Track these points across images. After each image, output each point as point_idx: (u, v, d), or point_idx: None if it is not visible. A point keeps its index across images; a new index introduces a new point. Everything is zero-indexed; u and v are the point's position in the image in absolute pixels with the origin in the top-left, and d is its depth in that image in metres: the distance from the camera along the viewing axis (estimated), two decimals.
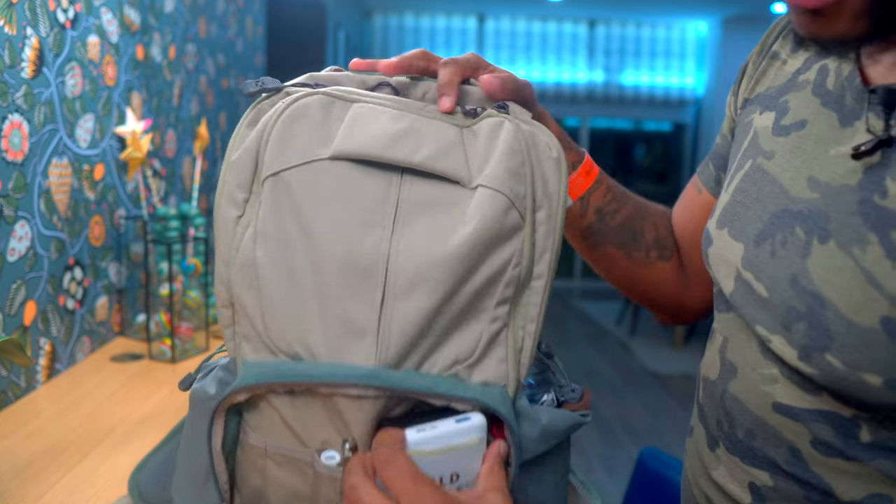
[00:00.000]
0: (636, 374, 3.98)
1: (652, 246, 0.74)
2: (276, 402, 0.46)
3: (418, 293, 0.44)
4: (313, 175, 0.47)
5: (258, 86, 0.51)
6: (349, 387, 0.43)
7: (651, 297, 0.77)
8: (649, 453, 1.00)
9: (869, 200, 0.46)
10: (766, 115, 0.59)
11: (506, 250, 0.47)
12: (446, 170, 0.47)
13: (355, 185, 0.47)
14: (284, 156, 0.47)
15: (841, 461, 0.49)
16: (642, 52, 6.32)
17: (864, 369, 0.45)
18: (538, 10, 6.02)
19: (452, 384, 0.45)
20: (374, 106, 0.50)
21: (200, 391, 0.49)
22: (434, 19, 6.18)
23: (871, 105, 0.48)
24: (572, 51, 6.29)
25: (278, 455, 0.47)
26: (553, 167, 0.49)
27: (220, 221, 0.48)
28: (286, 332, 0.46)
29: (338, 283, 0.45)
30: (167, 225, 1.22)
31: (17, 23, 0.90)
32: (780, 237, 0.52)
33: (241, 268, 0.47)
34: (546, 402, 0.53)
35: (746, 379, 0.55)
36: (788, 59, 0.60)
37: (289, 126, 0.48)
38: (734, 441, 0.56)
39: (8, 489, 0.70)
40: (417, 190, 0.47)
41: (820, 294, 0.48)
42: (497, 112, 0.51)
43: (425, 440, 0.44)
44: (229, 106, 1.94)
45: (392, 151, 0.47)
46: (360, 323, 0.44)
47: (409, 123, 0.49)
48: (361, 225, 0.46)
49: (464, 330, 0.46)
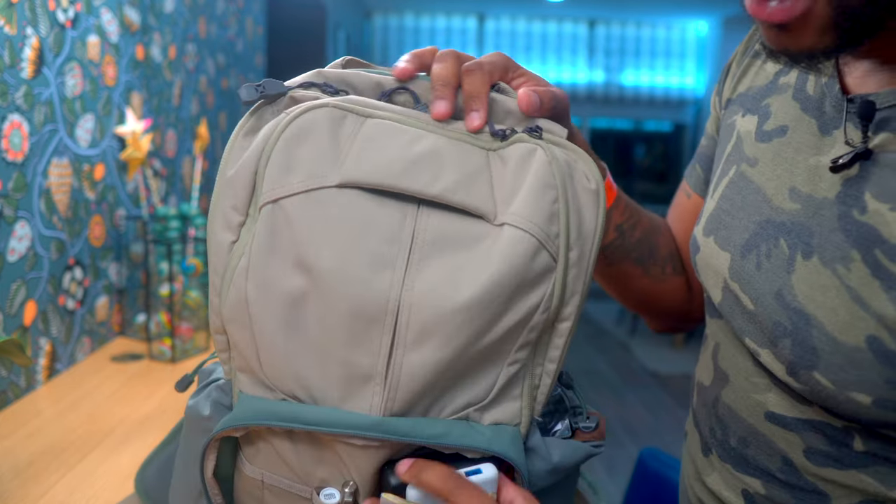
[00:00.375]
0: (636, 374, 3.98)
1: (667, 260, 0.72)
2: (274, 440, 0.43)
3: (431, 344, 0.40)
4: (317, 204, 0.41)
5: (259, 91, 0.44)
6: (353, 437, 0.41)
7: (663, 311, 0.75)
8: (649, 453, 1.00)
9: (849, 216, 0.46)
10: (749, 119, 0.59)
11: (534, 296, 0.42)
12: (469, 203, 0.42)
13: (365, 218, 0.41)
14: (285, 180, 0.41)
15: (835, 470, 0.48)
16: (642, 52, 6.32)
17: (852, 389, 0.44)
18: (538, 10, 6.02)
19: (463, 431, 0.42)
20: (392, 123, 0.44)
21: (195, 410, 0.46)
22: (434, 19, 6.18)
23: (849, 115, 0.47)
24: (572, 51, 6.28)
25: (276, 488, 0.45)
26: (591, 200, 0.44)
27: (213, 245, 0.44)
28: (283, 373, 0.42)
29: (342, 328, 0.40)
30: (167, 225, 1.22)
31: (17, 23, 0.90)
32: (764, 249, 0.52)
33: (234, 304, 0.42)
34: (559, 431, 0.50)
35: (739, 387, 0.55)
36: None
37: (292, 145, 0.42)
38: (727, 449, 0.56)
39: (8, 489, 0.70)
40: (435, 224, 0.42)
41: (804, 311, 0.47)
42: (529, 136, 0.45)
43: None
44: (229, 106, 1.94)
45: (408, 181, 0.41)
46: (366, 369, 0.41)
47: (429, 146, 0.43)
48: (371, 264, 0.40)
49: (479, 375, 0.43)
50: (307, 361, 0.41)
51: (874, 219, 0.44)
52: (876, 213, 0.44)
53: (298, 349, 0.41)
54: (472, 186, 0.42)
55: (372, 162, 0.42)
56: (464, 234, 0.42)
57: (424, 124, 0.44)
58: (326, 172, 0.42)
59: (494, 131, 0.45)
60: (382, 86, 0.48)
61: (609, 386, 3.75)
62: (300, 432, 0.42)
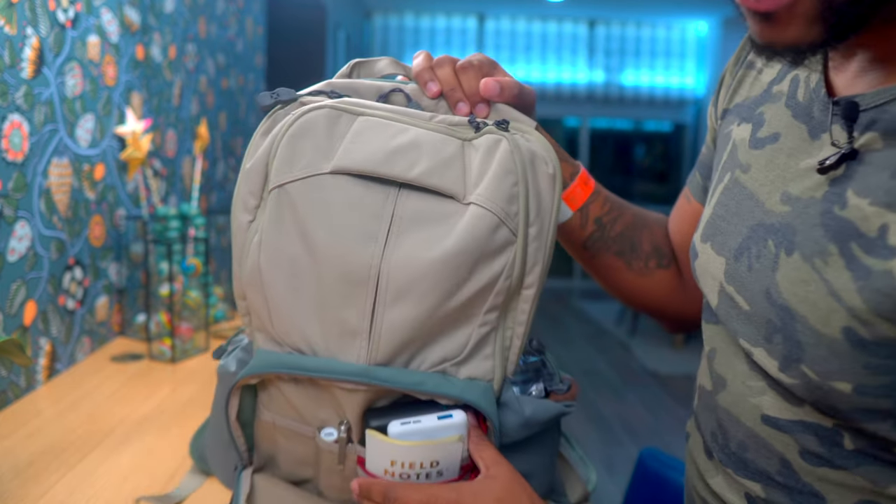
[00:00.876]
0: (636, 374, 3.98)
1: (650, 255, 0.74)
2: (283, 386, 0.52)
3: (407, 302, 0.48)
4: (315, 188, 0.50)
5: (273, 98, 0.54)
6: (343, 382, 0.48)
7: (652, 306, 0.78)
8: (649, 453, 1.00)
9: (830, 212, 0.47)
10: (744, 127, 0.60)
11: (496, 264, 0.49)
12: (441, 185, 0.50)
13: (354, 199, 0.50)
14: (289, 169, 0.50)
15: (829, 470, 0.49)
16: (642, 52, 6.32)
17: (835, 378, 0.45)
18: (538, 10, 6.02)
19: (438, 381, 0.49)
20: (380, 119, 0.52)
21: (224, 368, 0.55)
22: (434, 19, 6.18)
23: (835, 117, 0.48)
24: (572, 51, 6.28)
25: (285, 429, 0.53)
26: (548, 183, 0.52)
27: (234, 224, 0.53)
28: (289, 329, 0.50)
29: (334, 290, 0.49)
30: (167, 225, 1.22)
31: (17, 23, 0.90)
32: (755, 250, 0.53)
33: (250, 271, 0.51)
34: (534, 392, 0.57)
35: (736, 391, 0.56)
36: (764, 68, 0.61)
37: (295, 140, 0.51)
38: (728, 453, 0.57)
39: (8, 489, 0.70)
40: (412, 204, 0.50)
41: (789, 307, 0.48)
42: (497, 129, 0.53)
43: (408, 433, 0.49)
44: (229, 106, 1.94)
45: (388, 167, 0.50)
46: (353, 325, 0.49)
47: (411, 138, 0.51)
48: (358, 237, 0.48)
49: (453, 333, 0.50)
50: (308, 319, 0.50)
51: (853, 213, 0.45)
52: (855, 208, 0.45)
53: (301, 309, 0.50)
54: (445, 171, 0.50)
55: (359, 152, 0.50)
56: (437, 211, 0.50)
57: (411, 119, 0.53)
58: (322, 162, 0.50)
59: (472, 120, 0.54)
60: (382, 89, 0.57)
61: (609, 386, 3.75)
62: (304, 379, 0.50)
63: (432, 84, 0.56)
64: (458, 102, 0.56)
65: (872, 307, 0.43)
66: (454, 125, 0.54)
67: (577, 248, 0.73)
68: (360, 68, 0.59)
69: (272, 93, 0.54)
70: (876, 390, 0.44)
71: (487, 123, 0.54)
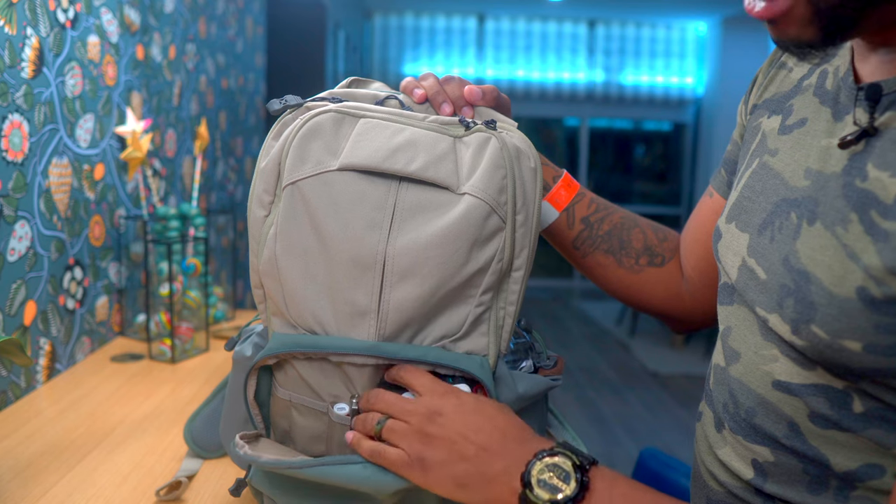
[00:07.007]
0: (636, 374, 3.98)
1: (641, 253, 0.78)
2: (298, 365, 0.56)
3: (411, 282, 0.54)
4: (324, 184, 0.55)
5: (282, 104, 0.59)
6: (354, 356, 0.54)
7: (650, 305, 0.80)
8: (649, 453, 1.00)
9: (851, 184, 0.51)
10: (774, 119, 0.63)
11: (489, 249, 0.56)
12: (437, 178, 0.56)
13: (359, 192, 0.55)
14: (300, 167, 0.56)
15: (836, 432, 0.52)
16: (642, 52, 6.32)
17: (845, 336, 0.48)
18: (538, 10, 6.02)
19: (439, 354, 0.55)
20: (379, 121, 0.58)
21: (240, 353, 0.60)
22: (434, 19, 6.18)
23: (859, 101, 0.53)
24: (572, 51, 6.28)
25: (300, 406, 0.58)
26: (531, 176, 0.58)
27: (251, 219, 0.58)
28: (303, 312, 0.56)
29: (344, 275, 0.54)
30: (167, 225, 1.22)
31: (17, 23, 0.90)
32: (777, 223, 0.56)
33: (266, 260, 0.57)
34: (525, 367, 0.63)
35: (748, 362, 0.58)
36: (795, 67, 0.65)
37: (304, 141, 0.56)
38: (738, 420, 0.59)
39: (8, 489, 0.70)
40: (412, 195, 0.56)
41: (806, 271, 0.52)
42: (486, 128, 0.59)
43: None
44: (229, 106, 1.94)
45: (390, 163, 0.55)
46: (363, 306, 0.54)
47: (407, 136, 0.57)
48: (364, 226, 0.54)
49: (452, 311, 0.56)
50: (320, 303, 0.55)
51: (873, 185, 0.49)
52: (876, 180, 0.49)
53: (314, 293, 0.55)
54: (440, 165, 0.56)
55: (363, 150, 0.56)
56: (434, 201, 0.56)
57: (406, 120, 0.59)
58: (330, 160, 0.56)
59: (461, 120, 0.60)
60: (378, 95, 0.64)
61: (609, 386, 3.75)
62: (317, 357, 0.55)
63: (418, 90, 0.63)
64: (443, 104, 0.63)
65: (889, 266, 0.46)
66: (445, 124, 0.60)
67: (567, 248, 0.77)
68: (357, 85, 0.66)
69: (281, 99, 0.60)
70: (886, 350, 0.47)
71: (477, 123, 0.60)
